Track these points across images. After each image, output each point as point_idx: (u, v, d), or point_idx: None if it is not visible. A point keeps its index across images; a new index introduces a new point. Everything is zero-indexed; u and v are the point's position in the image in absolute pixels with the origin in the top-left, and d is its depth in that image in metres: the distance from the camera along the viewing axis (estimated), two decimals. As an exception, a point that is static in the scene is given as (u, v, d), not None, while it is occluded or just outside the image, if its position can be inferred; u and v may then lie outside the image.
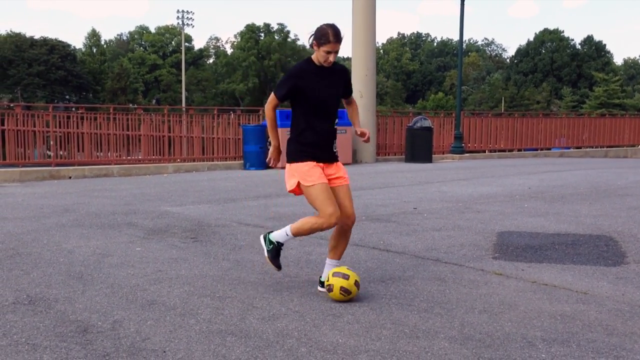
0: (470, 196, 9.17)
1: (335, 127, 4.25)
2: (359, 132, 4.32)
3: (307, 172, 4.08)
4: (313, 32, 4.11)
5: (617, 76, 71.36)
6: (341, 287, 4.02)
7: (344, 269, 4.11)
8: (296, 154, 4.14)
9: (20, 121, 14.42)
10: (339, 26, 4.10)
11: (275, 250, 4.25)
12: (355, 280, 4.06)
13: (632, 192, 9.53)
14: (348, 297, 4.04)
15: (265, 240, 4.29)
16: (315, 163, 4.11)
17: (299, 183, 4.12)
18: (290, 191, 4.22)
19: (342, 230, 4.22)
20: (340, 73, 4.26)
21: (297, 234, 4.19)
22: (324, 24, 4.11)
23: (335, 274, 4.07)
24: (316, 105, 4.12)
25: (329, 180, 4.15)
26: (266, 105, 4.28)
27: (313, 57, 4.16)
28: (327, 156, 4.17)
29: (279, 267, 4.29)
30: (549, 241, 5.92)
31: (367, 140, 4.30)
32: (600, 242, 5.86)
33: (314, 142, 4.13)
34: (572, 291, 4.31)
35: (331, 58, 4.07)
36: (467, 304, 4.03)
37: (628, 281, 4.57)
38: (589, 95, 70.71)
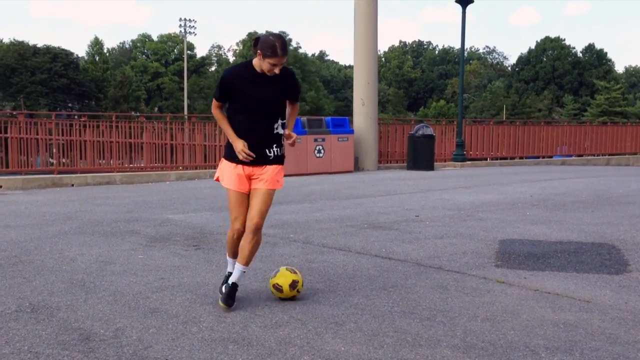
0: (472, 204, 9.16)
1: (275, 132, 4.17)
2: (286, 134, 4.24)
3: (226, 173, 4.24)
4: (258, 39, 4.04)
5: (619, 84, 71.35)
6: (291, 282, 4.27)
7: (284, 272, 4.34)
8: (225, 152, 4.32)
9: (23, 129, 14.45)
10: (283, 37, 4.08)
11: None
12: (293, 280, 4.26)
13: (635, 200, 9.52)
14: (279, 294, 4.27)
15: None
16: (235, 165, 4.19)
17: (218, 177, 4.31)
18: (215, 180, 4.39)
19: (246, 231, 4.20)
20: (284, 79, 4.17)
21: (229, 253, 4.41)
22: (271, 35, 4.03)
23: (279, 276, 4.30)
24: (247, 110, 4.12)
25: (252, 179, 4.21)
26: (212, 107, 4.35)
27: (254, 61, 4.09)
28: (256, 160, 4.15)
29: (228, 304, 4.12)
30: (552, 249, 5.92)
31: (292, 144, 4.23)
32: (602, 250, 5.85)
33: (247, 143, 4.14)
34: (574, 299, 4.31)
35: (276, 70, 4.04)
36: (470, 312, 4.02)
37: (631, 289, 4.56)
38: (590, 103, 70.71)
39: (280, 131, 4.21)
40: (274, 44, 3.95)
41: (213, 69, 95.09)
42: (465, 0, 20.47)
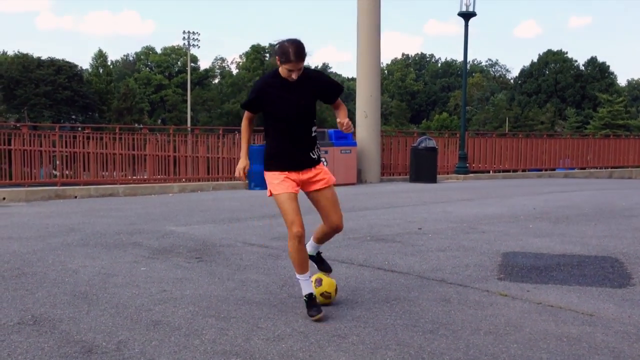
0: (475, 216, 9.16)
1: (312, 135, 4.22)
2: (339, 122, 4.18)
3: (273, 183, 4.21)
4: (277, 46, 4.06)
5: (621, 97, 71.42)
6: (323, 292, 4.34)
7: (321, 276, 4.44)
8: (266, 163, 4.31)
9: (26, 141, 14.51)
10: (302, 42, 4.04)
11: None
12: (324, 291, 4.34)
13: (638, 213, 9.50)
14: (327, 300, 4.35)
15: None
16: (279, 173, 4.19)
17: (270, 191, 4.26)
18: (269, 196, 4.31)
19: (332, 231, 4.39)
20: (311, 81, 4.17)
21: (296, 269, 4.26)
22: (286, 41, 4.03)
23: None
24: (280, 117, 4.15)
25: (309, 183, 4.23)
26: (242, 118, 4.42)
27: (280, 69, 4.12)
28: (296, 164, 4.20)
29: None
30: (555, 262, 5.90)
31: (347, 130, 4.16)
32: (605, 264, 5.84)
33: (279, 153, 4.21)
34: (578, 313, 4.29)
35: (294, 75, 4.05)
36: (473, 325, 4.01)
37: (634, 303, 4.55)
38: (593, 116, 70.76)
39: (314, 134, 4.26)
40: (287, 50, 3.98)
41: (216, 81, 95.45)
42: (467, 13, 20.58)
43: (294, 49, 3.97)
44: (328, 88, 4.27)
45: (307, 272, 4.22)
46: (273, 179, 4.21)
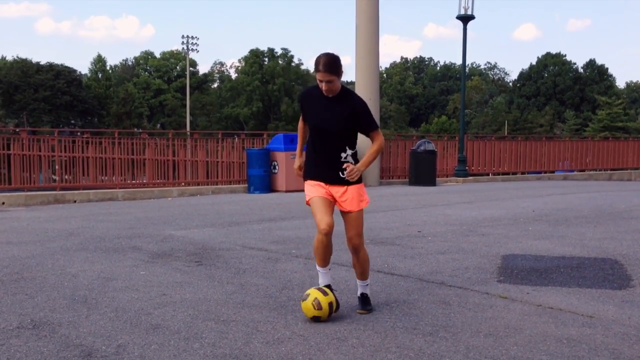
0: (475, 219, 9.16)
1: (344, 155, 4.22)
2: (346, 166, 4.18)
3: (308, 189, 4.33)
4: None
5: (620, 99, 71.44)
6: (315, 298, 4.12)
7: (326, 288, 4.27)
8: (304, 172, 4.41)
9: (25, 146, 14.49)
10: (337, 56, 4.12)
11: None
12: (331, 302, 4.14)
13: (637, 215, 9.51)
14: (318, 312, 4.10)
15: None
16: (312, 180, 4.31)
17: (308, 201, 4.36)
18: (307, 204, 4.40)
19: (351, 251, 4.40)
20: (350, 105, 4.19)
21: (318, 262, 4.38)
22: (323, 53, 4.14)
23: (317, 287, 4.26)
24: (314, 128, 4.28)
25: (337, 201, 4.30)
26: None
27: None
28: (328, 177, 4.27)
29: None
30: (554, 264, 5.90)
31: (348, 175, 4.12)
32: (605, 265, 5.84)
33: (314, 162, 4.32)
34: (577, 315, 4.29)
35: (323, 87, 4.13)
36: (472, 327, 4.01)
37: (634, 304, 4.55)
38: (592, 118, 70.80)
39: (350, 160, 4.24)
40: (319, 60, 4.09)
41: (215, 85, 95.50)
42: (466, 16, 20.62)
43: (325, 60, 4.08)
44: (360, 119, 4.24)
45: (327, 267, 4.40)
46: (307, 186, 4.35)
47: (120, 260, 6.26)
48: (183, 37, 74.97)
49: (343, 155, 4.24)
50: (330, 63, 4.07)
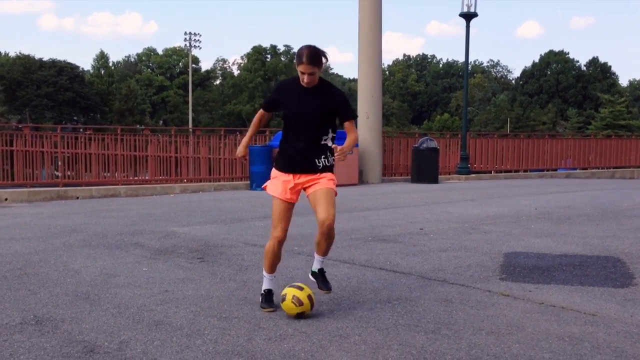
0: (477, 217, 9.15)
1: (322, 143, 4.25)
2: (333, 147, 4.28)
3: (274, 181, 4.34)
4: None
5: (623, 97, 71.35)
6: (294, 296, 4.12)
7: (300, 284, 4.28)
8: (275, 161, 4.45)
9: (28, 142, 14.51)
10: (319, 48, 4.14)
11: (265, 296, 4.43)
12: (309, 294, 4.15)
13: (639, 214, 9.49)
14: (300, 308, 4.10)
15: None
16: (285, 174, 4.30)
17: (267, 186, 4.40)
18: (262, 188, 4.50)
19: (320, 232, 4.31)
20: (329, 95, 4.25)
21: (265, 268, 4.42)
22: (305, 45, 4.16)
23: (290, 285, 4.24)
24: (292, 120, 4.27)
25: (307, 187, 4.30)
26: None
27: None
28: (302, 167, 4.28)
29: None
30: (556, 262, 5.90)
31: (338, 158, 4.15)
32: (607, 264, 5.83)
33: (289, 154, 4.32)
34: (580, 313, 4.29)
35: (305, 79, 4.14)
36: (475, 325, 4.01)
37: (636, 303, 4.54)
38: (594, 116, 70.71)
39: (329, 143, 4.29)
40: (302, 52, 4.10)
41: (217, 82, 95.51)
42: (469, 14, 20.59)
43: (308, 52, 4.09)
44: (339, 108, 4.29)
45: (273, 274, 4.46)
46: (274, 175, 4.37)
47: (122, 256, 6.27)
48: (186, 33, 74.77)
49: (324, 138, 4.27)
50: (313, 55, 4.08)
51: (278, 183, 4.30)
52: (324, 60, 4.14)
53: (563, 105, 77.67)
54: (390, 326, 3.99)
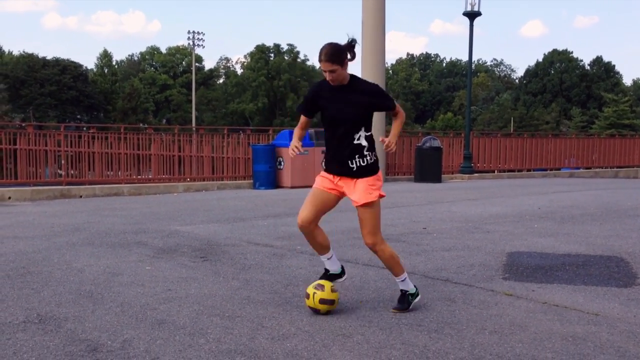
0: (480, 216, 9.14)
1: (355, 142, 4.18)
2: (381, 140, 4.29)
3: (317, 179, 4.38)
4: None
5: (627, 97, 71.16)
6: (320, 299, 4.18)
7: (322, 282, 4.32)
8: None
9: (32, 141, 14.52)
10: (341, 45, 4.08)
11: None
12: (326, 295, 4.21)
13: (643, 213, 9.46)
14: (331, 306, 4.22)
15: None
16: (326, 173, 4.31)
17: None
18: None
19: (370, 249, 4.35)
20: (363, 92, 4.19)
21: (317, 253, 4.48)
22: (327, 43, 4.12)
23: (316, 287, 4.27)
24: (327, 120, 4.26)
25: (348, 194, 4.27)
26: None
27: None
28: (338, 170, 4.25)
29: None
30: (560, 262, 5.89)
31: (386, 149, 4.23)
32: (611, 263, 5.82)
33: (329, 156, 4.30)
34: (583, 312, 4.28)
35: (328, 77, 4.11)
36: (478, 324, 4.01)
37: (639, 303, 4.54)
38: (598, 115, 70.55)
39: (364, 142, 4.20)
40: (321, 50, 4.07)
41: (221, 81, 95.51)
42: (473, 13, 20.55)
43: (327, 50, 4.05)
44: (373, 102, 4.24)
45: (327, 253, 4.45)
46: (318, 176, 4.40)
47: (125, 255, 6.28)
48: (189, 32, 74.82)
49: (356, 136, 4.19)
50: (332, 52, 4.03)
51: (320, 178, 4.34)
52: (348, 56, 4.09)
53: (566, 104, 77.51)
54: (393, 325, 3.99)
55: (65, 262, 5.92)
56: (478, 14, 20.59)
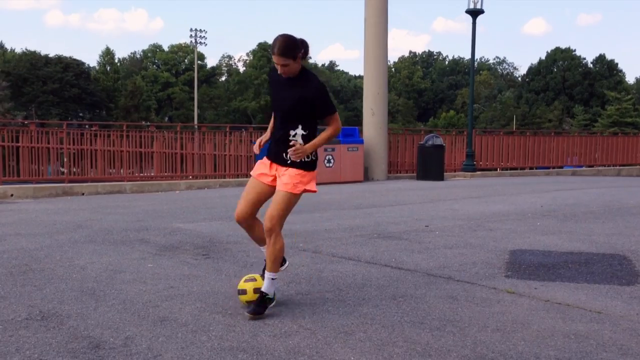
0: (482, 214, 9.13)
1: (294, 138, 4.17)
2: (292, 143, 4.16)
3: (256, 164, 4.44)
4: None
5: (630, 95, 70.99)
6: (254, 288, 4.25)
7: (252, 275, 4.43)
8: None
9: (34, 138, 14.55)
10: (295, 38, 4.02)
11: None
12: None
13: (646, 211, 9.45)
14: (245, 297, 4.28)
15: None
16: (267, 159, 4.35)
17: None
18: None
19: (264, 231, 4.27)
20: (306, 89, 4.11)
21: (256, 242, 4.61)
22: (280, 34, 4.06)
23: (247, 280, 4.35)
24: (273, 109, 4.34)
25: (276, 177, 4.28)
26: None
27: None
28: (273, 157, 4.30)
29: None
30: (562, 260, 5.88)
31: (291, 154, 4.12)
32: (613, 261, 5.81)
33: (271, 142, 4.38)
34: (585, 310, 4.28)
35: (279, 70, 4.10)
36: (480, 322, 4.01)
37: (642, 300, 4.53)
38: (601, 113, 70.40)
39: (300, 140, 4.16)
40: (274, 42, 4.05)
41: (223, 79, 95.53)
42: (475, 10, 20.50)
43: (278, 43, 4.01)
44: (314, 104, 4.14)
45: (260, 246, 4.58)
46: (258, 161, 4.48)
47: (128, 252, 6.28)
48: (191, 30, 75.01)
49: (292, 133, 4.19)
50: (284, 46, 3.99)
51: (258, 164, 4.39)
52: (301, 51, 4.01)
53: (569, 102, 77.35)
54: (395, 323, 3.99)
55: (68, 259, 5.93)
56: (481, 11, 20.55)
